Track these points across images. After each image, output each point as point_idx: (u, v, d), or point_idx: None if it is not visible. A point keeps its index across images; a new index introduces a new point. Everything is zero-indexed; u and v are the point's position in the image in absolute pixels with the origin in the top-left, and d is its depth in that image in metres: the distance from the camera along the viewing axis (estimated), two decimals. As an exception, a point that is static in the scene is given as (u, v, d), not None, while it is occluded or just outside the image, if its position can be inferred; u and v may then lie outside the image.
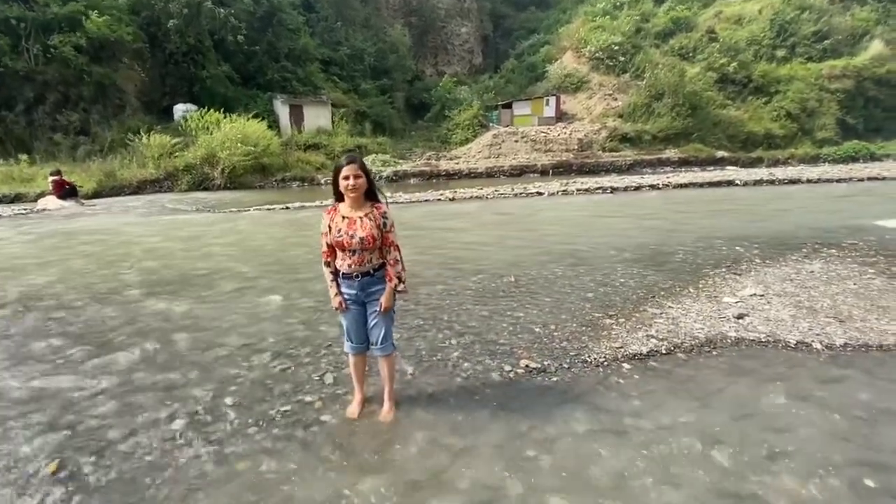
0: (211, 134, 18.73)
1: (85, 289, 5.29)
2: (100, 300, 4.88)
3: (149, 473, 2.33)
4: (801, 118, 29.00)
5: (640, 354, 3.50)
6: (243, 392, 3.05)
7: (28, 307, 4.72)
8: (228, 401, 2.95)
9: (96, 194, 15.90)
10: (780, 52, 31.75)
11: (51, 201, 13.37)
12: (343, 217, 2.56)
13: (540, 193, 14.20)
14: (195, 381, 3.19)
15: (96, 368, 3.38)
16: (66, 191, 13.71)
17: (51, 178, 13.67)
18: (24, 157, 17.42)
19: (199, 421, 2.75)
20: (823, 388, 3.06)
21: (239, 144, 18.25)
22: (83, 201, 14.10)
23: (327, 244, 2.61)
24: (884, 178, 16.76)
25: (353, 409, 2.80)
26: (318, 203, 13.14)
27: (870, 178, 16.80)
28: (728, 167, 23.64)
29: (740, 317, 4.14)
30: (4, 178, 16.21)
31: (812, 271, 5.53)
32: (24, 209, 13.02)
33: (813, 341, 3.70)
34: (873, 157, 25.77)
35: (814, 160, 25.79)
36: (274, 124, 23.29)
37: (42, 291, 5.22)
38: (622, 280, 5.28)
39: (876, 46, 30.81)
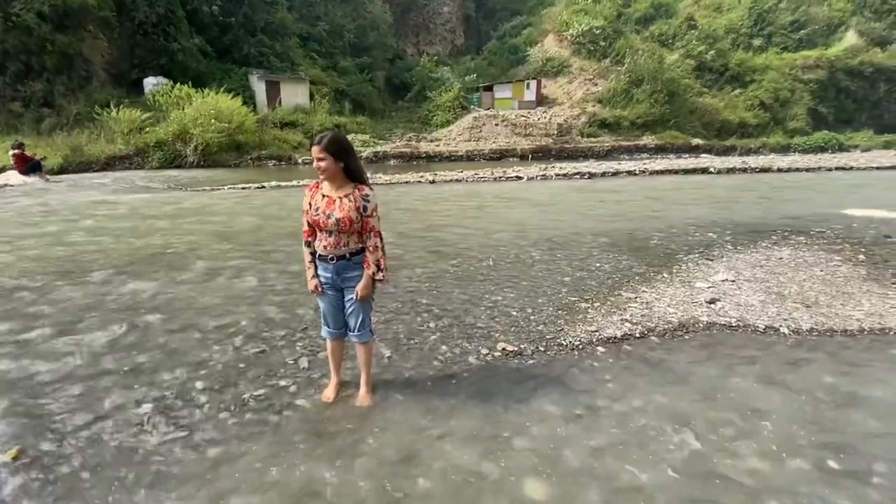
0: (183, 109, 18.02)
1: (49, 268, 5.05)
2: (65, 280, 4.68)
3: (115, 460, 2.25)
4: (774, 108, 29.70)
5: (615, 338, 3.55)
6: (215, 376, 2.97)
7: (-15, 288, 4.49)
8: (199, 385, 2.87)
9: (62, 170, 15.17)
10: (757, 42, 32.30)
11: (13, 176, 12.71)
12: (323, 195, 2.46)
13: (519, 178, 14.22)
14: (165, 364, 3.09)
15: (60, 351, 3.24)
16: (29, 165, 13.04)
17: (12, 151, 12.97)
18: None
19: (168, 406, 2.66)
20: (790, 371, 3.15)
21: (213, 121, 17.63)
22: (48, 177, 13.46)
23: (308, 223, 2.52)
24: (851, 168, 17.34)
25: (328, 394, 2.76)
26: (294, 183, 12.85)
27: (838, 168, 17.36)
28: (703, 155, 24.12)
29: (712, 302, 4.23)
30: (-39, 151, 15.29)
31: (781, 258, 5.69)
32: (-17, 185, 12.35)
33: (781, 326, 3.81)
34: (842, 148, 26.65)
35: (784, 150, 26.52)
36: (249, 101, 22.54)
37: (2, 270, 4.97)
38: (598, 265, 5.34)
39: (850, 38, 31.60)
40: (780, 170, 16.73)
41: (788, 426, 2.57)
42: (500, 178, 14.22)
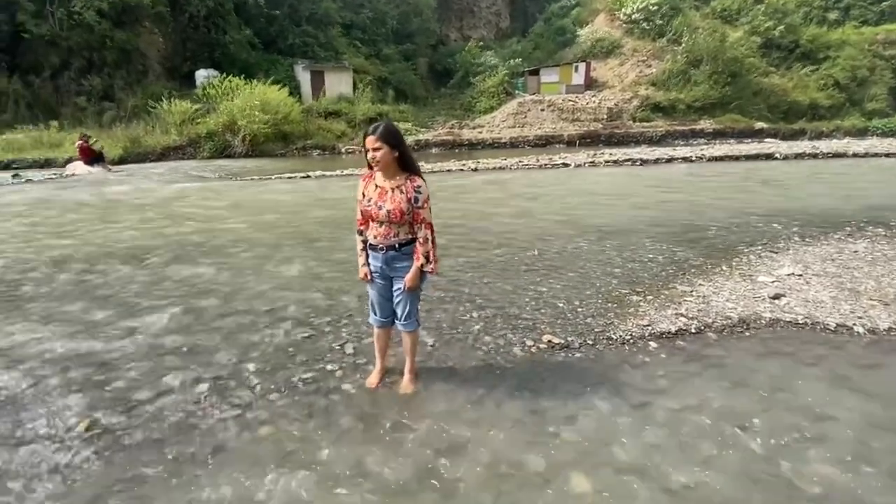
0: (232, 100, 18.68)
1: (112, 253, 5.41)
2: (126, 265, 4.99)
3: (175, 434, 2.38)
4: (851, 87, 27.25)
5: (669, 333, 3.39)
6: (266, 358, 3.08)
7: (60, 269, 4.86)
8: (251, 367, 2.98)
9: (122, 160, 16.20)
10: (833, 15, 29.65)
11: (79, 167, 13.69)
12: (376, 186, 2.46)
13: (566, 165, 13.84)
14: (219, 346, 3.24)
15: (124, 331, 3.46)
16: (93, 156, 14.00)
17: (78, 143, 13.96)
18: (53, 123, 17.79)
19: (222, 385, 2.79)
20: (864, 373, 2.92)
21: (257, 113, 18.11)
22: (110, 167, 14.40)
23: (361, 212, 2.53)
24: (938, 153, 15.69)
25: (372, 380, 2.79)
26: (339, 172, 13.11)
27: (922, 153, 15.75)
28: (767, 139, 22.54)
29: (776, 297, 3.95)
30: (34, 143, 16.64)
31: (856, 251, 5.25)
32: (54, 174, 13.37)
33: (854, 324, 3.52)
34: (927, 131, 24.16)
35: (861, 133, 24.35)
36: (295, 91, 23.08)
37: (72, 255, 5.37)
38: (650, 256, 5.11)
39: (940, 8, 28.40)
40: (855, 155, 15.37)
41: (861, 431, 2.38)
42: (545, 165, 13.89)
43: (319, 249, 5.46)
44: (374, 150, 2.34)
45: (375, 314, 2.72)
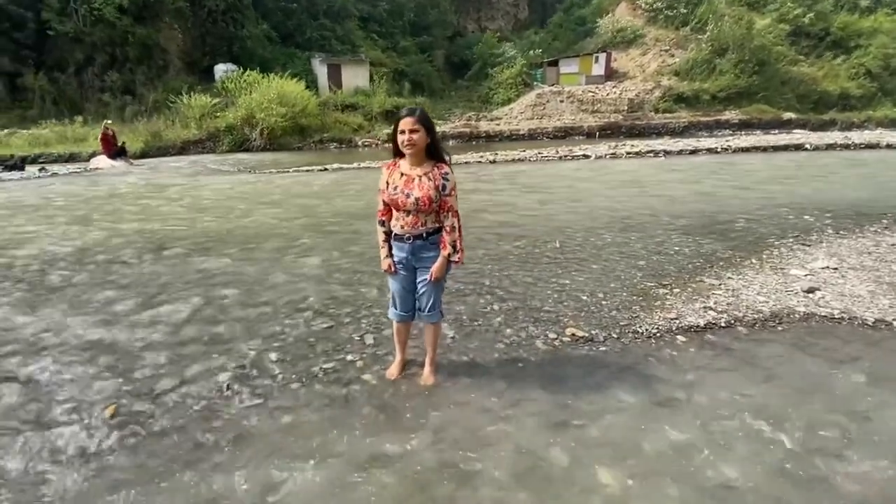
0: (250, 94, 18.81)
1: (135, 245, 5.48)
2: (149, 256, 5.05)
3: (198, 422, 2.39)
4: (883, 77, 26.20)
5: (697, 327, 3.28)
6: (287, 348, 3.07)
7: (85, 261, 4.94)
8: (273, 356, 2.98)
9: (143, 154, 16.47)
10: (865, 2, 28.48)
11: (102, 161, 13.98)
12: (401, 174, 2.39)
13: (586, 156, 13.62)
14: (240, 336, 3.24)
15: (148, 320, 3.49)
16: (116, 150, 14.27)
17: (101, 133, 14.25)
18: (78, 118, 18.17)
19: (244, 374, 2.79)
20: (906, 370, 2.77)
21: (274, 106, 18.19)
22: (132, 161, 14.66)
23: (384, 202, 2.47)
24: (978, 143, 14.99)
25: (393, 371, 2.76)
26: (355, 165, 13.13)
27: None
28: (796, 130, 21.82)
29: (810, 291, 3.81)
30: (59, 137, 17.04)
31: (894, 244, 5.04)
32: (79, 168, 13.68)
33: (894, 320, 3.37)
34: (965, 121, 23.11)
35: (894, 123, 23.41)
36: (312, 84, 23.17)
37: (96, 245, 5.46)
38: (676, 248, 4.98)
39: (982, -9, 27.05)
40: (889, 146, 14.77)
41: (905, 431, 2.25)
42: (565, 157, 13.69)
43: (338, 241, 5.46)
44: (412, 131, 2.27)
45: (396, 308, 2.66)
